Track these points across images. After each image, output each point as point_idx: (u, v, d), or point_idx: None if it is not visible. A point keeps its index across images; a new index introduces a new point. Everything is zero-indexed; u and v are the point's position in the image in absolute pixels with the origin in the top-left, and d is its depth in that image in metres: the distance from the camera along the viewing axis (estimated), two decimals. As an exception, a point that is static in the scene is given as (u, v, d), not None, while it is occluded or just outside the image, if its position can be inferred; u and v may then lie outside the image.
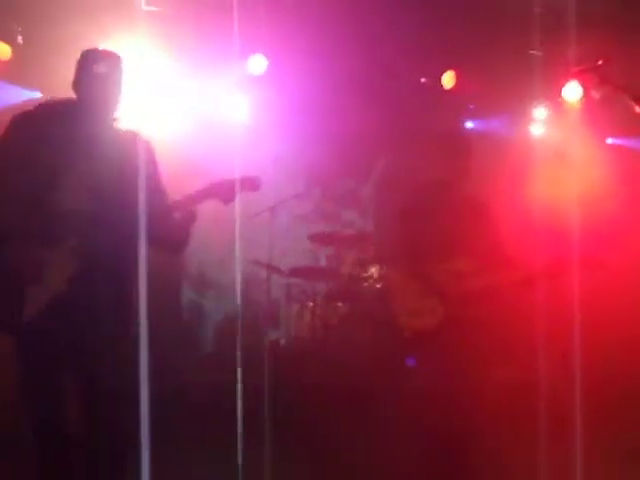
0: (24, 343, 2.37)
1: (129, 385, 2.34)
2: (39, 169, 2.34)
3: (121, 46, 4.58)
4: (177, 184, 2.72)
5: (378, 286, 5.49)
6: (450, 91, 5.62)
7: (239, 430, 3.13)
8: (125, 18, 4.20)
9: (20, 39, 4.88)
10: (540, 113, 5.65)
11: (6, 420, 3.28)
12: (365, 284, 5.53)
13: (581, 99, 5.10)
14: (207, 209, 2.58)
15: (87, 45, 2.58)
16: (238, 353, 3.84)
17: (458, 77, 5.59)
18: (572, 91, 5.16)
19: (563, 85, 5.21)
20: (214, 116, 5.31)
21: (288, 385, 4.23)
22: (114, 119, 2.51)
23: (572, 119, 5.28)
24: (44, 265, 2.30)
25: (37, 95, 5.09)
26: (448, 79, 5.59)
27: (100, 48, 2.54)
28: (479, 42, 4.99)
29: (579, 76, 2.38)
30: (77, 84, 2.46)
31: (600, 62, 2.23)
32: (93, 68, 2.42)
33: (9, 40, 4.84)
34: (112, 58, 2.49)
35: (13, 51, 4.85)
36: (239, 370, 3.56)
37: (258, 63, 5.20)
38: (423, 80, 5.68)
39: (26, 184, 2.32)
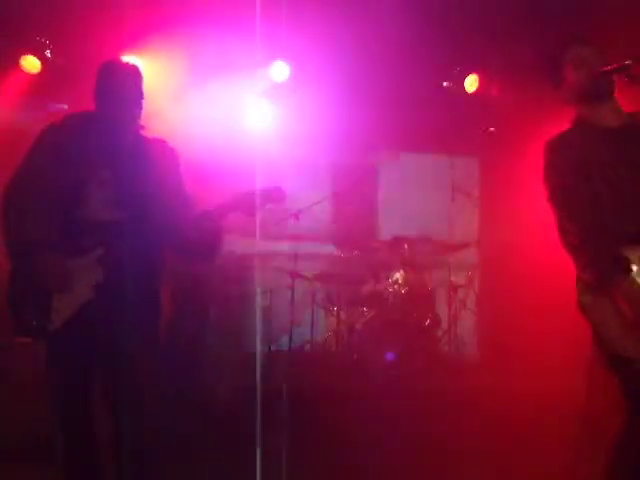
0: (52, 348, 2.43)
1: (156, 390, 2.38)
2: (66, 180, 2.39)
3: (145, 55, 4.72)
4: (199, 192, 2.75)
5: (403, 291, 5.48)
6: (473, 95, 5.59)
7: (258, 431, 3.14)
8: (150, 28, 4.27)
9: (49, 53, 4.99)
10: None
11: (28, 422, 3.33)
12: (390, 290, 5.52)
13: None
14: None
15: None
16: (258, 357, 3.87)
17: (481, 81, 5.56)
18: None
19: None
20: (237, 124, 5.34)
21: (310, 389, 4.24)
22: (139, 128, 2.55)
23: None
24: (71, 273, 2.34)
25: (64, 108, 5.20)
26: (471, 83, 5.56)
27: (119, 60, 2.59)
28: (503, 46, 4.95)
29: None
30: (98, 96, 2.50)
31: (628, 62, 2.20)
32: (112, 80, 2.47)
33: (39, 54, 4.95)
34: (130, 70, 2.54)
35: (42, 65, 4.96)
36: (258, 373, 3.57)
37: (280, 70, 5.23)
38: (446, 84, 5.66)
39: (54, 195, 2.38)
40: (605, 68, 2.25)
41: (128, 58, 4.63)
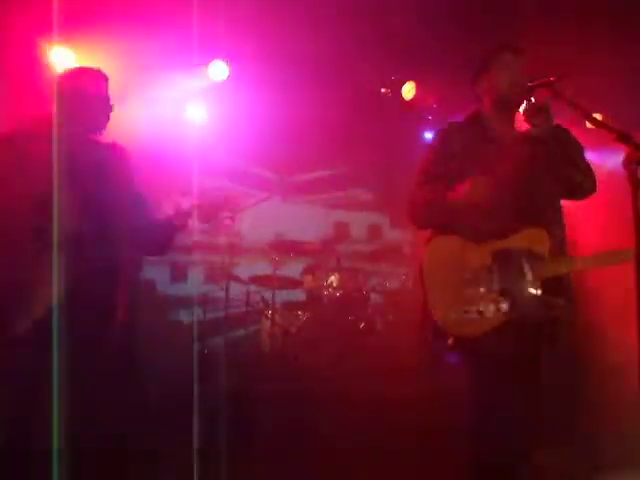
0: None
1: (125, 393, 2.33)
2: (28, 195, 2.32)
3: (78, 50, 4.56)
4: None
5: (338, 294, 5.51)
6: (410, 102, 5.69)
7: (195, 432, 3.12)
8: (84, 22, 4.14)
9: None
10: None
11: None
12: (325, 292, 5.54)
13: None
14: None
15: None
16: (194, 360, 3.82)
17: (418, 88, 5.66)
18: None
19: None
20: (175, 124, 5.26)
21: (246, 392, 4.22)
22: (94, 132, 2.54)
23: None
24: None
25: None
26: (408, 90, 5.65)
27: (85, 67, 2.58)
28: (441, 53, 5.05)
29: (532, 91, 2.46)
30: (66, 102, 2.44)
31: (553, 78, 2.30)
32: (85, 88, 2.45)
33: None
34: (100, 77, 2.53)
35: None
36: (195, 376, 3.54)
37: (218, 69, 5.17)
38: (383, 90, 5.73)
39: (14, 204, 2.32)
40: (530, 83, 2.35)
41: (60, 49, 4.49)
